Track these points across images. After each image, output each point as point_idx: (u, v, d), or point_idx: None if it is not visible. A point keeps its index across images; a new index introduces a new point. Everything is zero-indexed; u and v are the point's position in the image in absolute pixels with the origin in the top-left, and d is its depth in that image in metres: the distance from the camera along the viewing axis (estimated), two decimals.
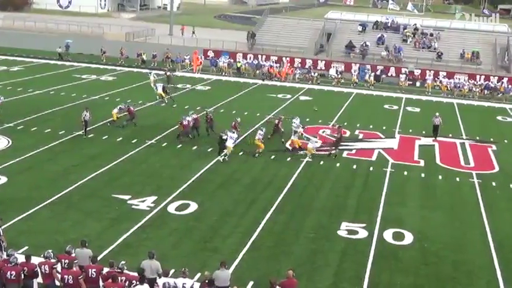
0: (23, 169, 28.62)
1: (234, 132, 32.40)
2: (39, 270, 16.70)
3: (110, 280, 16.12)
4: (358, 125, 40.66)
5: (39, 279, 16.91)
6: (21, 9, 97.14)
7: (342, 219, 24.77)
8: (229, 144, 31.40)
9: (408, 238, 23.41)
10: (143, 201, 25.40)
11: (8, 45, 65.66)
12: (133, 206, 24.85)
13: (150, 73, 50.69)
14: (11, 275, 16.28)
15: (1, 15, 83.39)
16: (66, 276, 16.34)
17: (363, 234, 23.52)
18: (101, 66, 60.14)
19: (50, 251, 17.31)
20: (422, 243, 23.09)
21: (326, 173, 30.98)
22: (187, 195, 26.48)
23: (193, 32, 77.97)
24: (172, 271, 17.96)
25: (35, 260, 17.19)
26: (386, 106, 49.59)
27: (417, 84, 60.03)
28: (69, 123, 36.38)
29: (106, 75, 55.87)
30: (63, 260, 17.05)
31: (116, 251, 20.38)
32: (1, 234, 18.83)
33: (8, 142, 32.50)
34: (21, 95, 44.68)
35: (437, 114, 39.19)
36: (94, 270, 16.77)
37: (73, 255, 17.27)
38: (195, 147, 33.51)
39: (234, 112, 42.38)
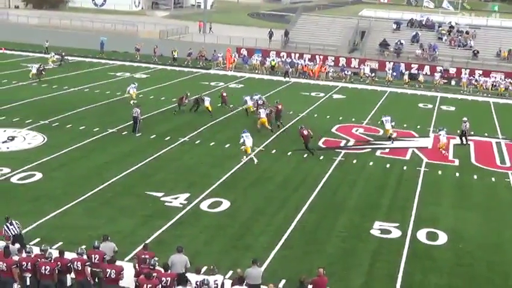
0: (58, 166, 28.95)
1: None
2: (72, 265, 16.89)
3: (143, 277, 16.22)
4: (392, 124, 40.25)
5: (73, 275, 17.07)
6: (57, 7, 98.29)
7: (375, 219, 24.59)
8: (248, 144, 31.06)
9: (443, 238, 23.14)
10: (176, 198, 25.51)
11: (43, 43, 66.38)
12: (166, 203, 24.97)
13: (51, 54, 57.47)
14: (45, 270, 16.48)
15: (37, 13, 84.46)
16: (109, 270, 16.56)
17: (396, 233, 23.32)
18: (135, 64, 60.57)
19: (83, 247, 17.48)
20: (457, 243, 22.82)
21: (359, 172, 30.78)
22: (220, 192, 26.53)
23: (210, 28, 78.64)
24: (204, 268, 18.01)
25: (69, 255, 17.37)
26: (421, 105, 49.12)
27: (453, 82, 59.33)
28: (103, 121, 36.72)
29: (139, 72, 56.23)
30: (93, 256, 17.25)
31: (149, 248, 20.43)
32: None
33: (44, 139, 32.90)
34: (56, 92, 45.24)
35: (465, 119, 37.62)
36: (147, 256, 17.34)
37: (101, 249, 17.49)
38: (228, 145, 33.55)
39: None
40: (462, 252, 22.17)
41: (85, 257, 17.06)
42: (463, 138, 36.91)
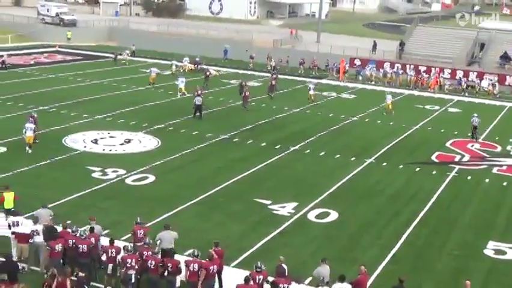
0: (171, 169, 29.66)
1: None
2: (185, 267, 17.18)
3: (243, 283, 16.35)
4: (511, 140, 38.71)
5: (182, 277, 17.38)
6: (175, 15, 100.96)
7: (489, 238, 23.65)
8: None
9: None
10: (283, 206, 25.51)
11: (162, 50, 68.41)
12: (274, 211, 25.02)
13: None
14: (151, 264, 16.98)
15: (157, 21, 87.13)
16: (212, 267, 16.99)
17: None
18: (249, 72, 61.18)
19: (195, 250, 17.68)
20: None
21: (473, 188, 29.75)
22: (328, 203, 26.31)
23: (291, 33, 78.93)
24: (309, 279, 17.88)
25: (179, 257, 17.73)
26: None
27: None
28: (216, 127, 37.27)
29: (252, 81, 56.61)
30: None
31: (255, 255, 20.53)
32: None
33: (158, 142, 33.80)
34: (172, 97, 46.43)
35: (475, 114, 39.14)
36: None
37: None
38: (337, 156, 33.26)
39: (378, 122, 41.76)
40: None
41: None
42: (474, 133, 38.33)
